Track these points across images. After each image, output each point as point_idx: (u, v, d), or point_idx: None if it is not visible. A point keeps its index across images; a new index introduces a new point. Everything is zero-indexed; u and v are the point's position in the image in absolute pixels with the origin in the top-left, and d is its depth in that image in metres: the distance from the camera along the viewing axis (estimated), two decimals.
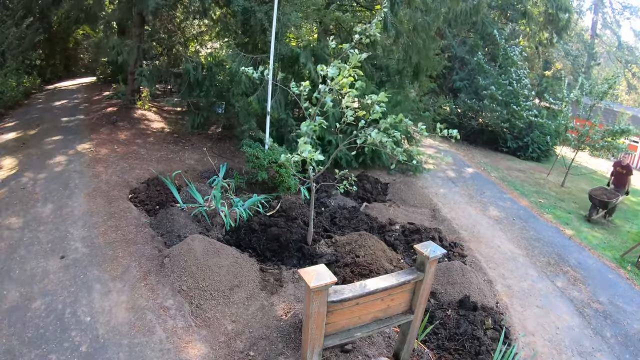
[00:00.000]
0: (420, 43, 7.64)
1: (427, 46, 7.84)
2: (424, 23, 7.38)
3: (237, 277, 4.16)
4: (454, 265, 4.85)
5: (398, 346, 3.49)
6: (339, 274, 4.52)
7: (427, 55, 7.95)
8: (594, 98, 9.60)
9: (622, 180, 8.44)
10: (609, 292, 5.36)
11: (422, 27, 7.45)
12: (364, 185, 7.36)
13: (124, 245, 4.55)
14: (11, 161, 6.44)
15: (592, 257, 6.27)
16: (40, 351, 3.19)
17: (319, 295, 2.56)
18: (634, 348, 4.40)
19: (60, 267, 4.13)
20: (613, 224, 8.08)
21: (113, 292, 3.87)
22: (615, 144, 9.30)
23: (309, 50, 6.97)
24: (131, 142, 7.69)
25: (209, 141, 8.37)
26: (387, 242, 5.49)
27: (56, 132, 8.00)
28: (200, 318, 3.71)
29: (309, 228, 4.95)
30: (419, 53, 7.80)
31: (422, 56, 7.91)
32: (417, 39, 7.55)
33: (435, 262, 3.05)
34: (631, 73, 24.87)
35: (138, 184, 6.12)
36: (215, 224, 5.19)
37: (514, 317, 4.58)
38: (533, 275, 5.49)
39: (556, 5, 13.10)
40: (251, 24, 6.79)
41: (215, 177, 6.06)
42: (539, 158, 12.46)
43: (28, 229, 4.68)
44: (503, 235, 6.54)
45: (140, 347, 3.34)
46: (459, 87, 13.54)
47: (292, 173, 5.92)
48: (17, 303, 3.63)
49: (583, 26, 25.19)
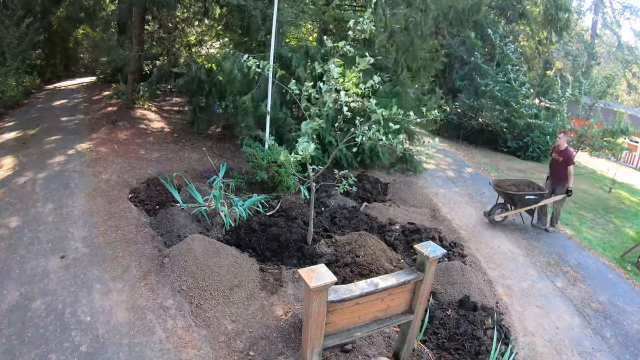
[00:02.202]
0: (409, 42, 7.53)
1: (415, 46, 7.64)
2: (414, 22, 7.30)
3: (237, 277, 4.16)
4: (454, 265, 4.85)
5: (398, 346, 3.49)
6: (339, 274, 4.52)
7: (414, 55, 7.81)
8: (593, 97, 9.61)
9: (559, 172, 6.44)
10: (609, 292, 5.36)
11: (414, 26, 7.35)
12: (364, 185, 7.36)
13: (124, 245, 4.55)
14: (11, 161, 6.44)
15: (592, 257, 6.27)
16: (40, 351, 3.19)
17: (319, 295, 2.56)
18: (634, 348, 4.40)
19: (61, 266, 4.13)
20: (555, 231, 6.70)
21: (113, 292, 3.87)
22: (615, 144, 9.29)
23: (303, 52, 6.97)
24: (131, 142, 7.69)
25: (209, 141, 8.37)
26: (387, 242, 5.49)
27: (56, 131, 8.00)
28: (200, 318, 3.71)
29: (309, 228, 4.95)
30: (406, 53, 7.68)
31: (410, 56, 7.78)
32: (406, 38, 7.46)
33: (435, 262, 3.05)
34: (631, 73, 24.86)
35: (138, 183, 6.12)
36: (215, 223, 5.19)
37: (514, 317, 4.58)
38: (533, 275, 5.49)
39: (556, 5, 13.09)
40: (249, 23, 6.79)
41: (215, 176, 6.06)
42: (539, 158, 12.46)
43: (28, 229, 4.68)
44: (503, 235, 6.54)
45: (140, 347, 3.34)
46: (459, 86, 13.54)
47: (291, 173, 5.92)
48: (17, 303, 3.63)
49: (583, 26, 25.19)
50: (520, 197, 6.33)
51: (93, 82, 13.67)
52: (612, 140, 9.22)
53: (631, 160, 16.04)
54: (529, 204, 6.42)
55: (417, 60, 7.97)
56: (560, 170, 6.44)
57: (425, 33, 7.60)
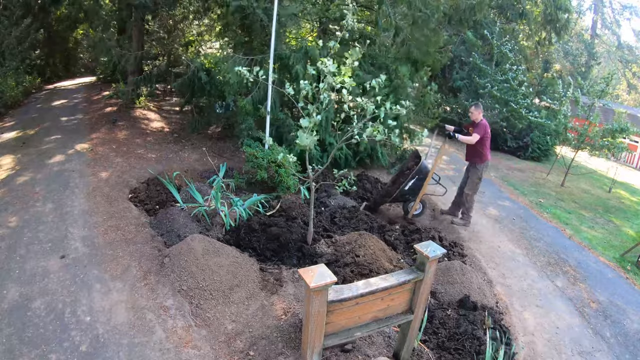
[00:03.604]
0: (422, 39, 7.45)
1: (429, 41, 7.51)
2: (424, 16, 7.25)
3: (237, 276, 4.16)
4: (453, 265, 4.85)
5: (398, 346, 3.49)
6: (339, 273, 4.52)
7: (427, 51, 7.76)
8: (592, 97, 9.61)
9: (471, 150, 5.80)
10: (608, 291, 5.36)
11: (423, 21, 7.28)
12: (363, 185, 7.37)
13: (123, 245, 4.55)
14: (11, 160, 6.44)
15: (592, 256, 6.27)
16: (40, 351, 3.19)
17: (318, 295, 2.56)
18: (633, 348, 4.40)
19: (61, 266, 4.13)
20: (462, 224, 6.21)
21: (113, 292, 3.87)
22: (615, 143, 9.29)
23: (302, 52, 6.96)
24: (131, 142, 7.69)
25: (209, 141, 8.36)
26: (387, 241, 5.49)
27: (56, 131, 8.01)
28: (200, 318, 3.71)
29: (309, 228, 4.95)
30: (419, 48, 7.60)
31: (423, 52, 7.71)
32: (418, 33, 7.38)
33: (435, 262, 3.05)
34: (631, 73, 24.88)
35: (138, 183, 6.12)
36: (215, 223, 5.19)
37: (514, 317, 4.58)
38: (533, 275, 5.49)
39: (555, 5, 13.09)
40: (249, 23, 6.78)
41: (215, 176, 6.05)
42: (539, 158, 12.47)
43: (28, 229, 4.68)
44: (503, 234, 6.54)
45: (140, 347, 3.34)
46: (459, 86, 13.55)
47: (291, 173, 5.92)
48: (17, 303, 3.62)
49: (583, 26, 25.21)
50: (401, 191, 5.81)
51: (93, 82, 13.67)
52: (612, 140, 9.22)
53: (631, 160, 16.06)
54: (416, 191, 5.77)
55: (430, 56, 7.86)
56: (472, 147, 5.79)
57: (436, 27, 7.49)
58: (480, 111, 5.87)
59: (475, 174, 5.90)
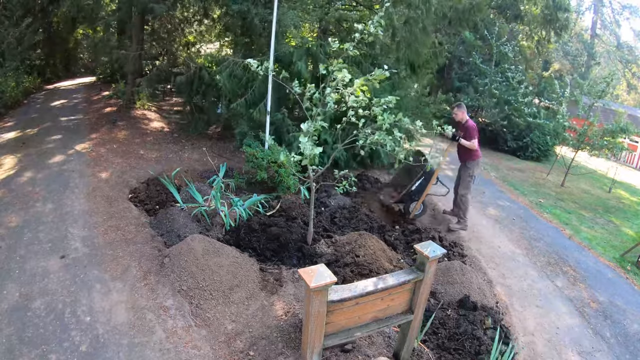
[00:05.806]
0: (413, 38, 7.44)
1: (420, 41, 7.46)
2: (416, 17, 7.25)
3: (237, 276, 4.16)
4: (453, 265, 4.85)
5: (398, 346, 3.49)
6: (339, 273, 4.52)
7: (417, 50, 7.73)
8: (592, 97, 9.62)
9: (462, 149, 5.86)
10: (608, 291, 5.36)
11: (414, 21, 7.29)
12: (364, 185, 7.36)
13: (123, 245, 4.55)
14: (11, 160, 6.44)
15: (591, 256, 6.27)
16: (40, 351, 3.19)
17: (318, 295, 2.56)
18: (633, 348, 4.40)
19: (61, 266, 4.13)
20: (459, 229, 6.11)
21: (113, 292, 3.87)
22: (615, 143, 9.29)
23: (304, 50, 6.95)
24: (131, 142, 7.69)
25: (209, 141, 8.36)
26: (387, 241, 5.49)
27: (56, 131, 8.00)
28: (200, 318, 3.71)
29: (309, 228, 4.95)
30: (410, 47, 7.60)
31: (413, 51, 7.69)
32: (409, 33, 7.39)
33: (435, 262, 3.05)
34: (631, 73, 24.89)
35: (138, 183, 6.12)
36: (215, 223, 5.19)
37: (514, 317, 4.59)
38: (533, 275, 5.49)
39: (555, 4, 13.10)
40: (249, 25, 6.78)
41: (215, 176, 6.05)
42: (538, 158, 12.47)
43: (28, 229, 4.68)
44: (503, 235, 6.54)
45: (140, 347, 3.34)
46: (458, 87, 13.55)
47: (291, 173, 5.91)
48: (17, 303, 3.62)
49: (583, 26, 25.22)
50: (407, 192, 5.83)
51: (93, 82, 13.66)
52: (611, 140, 9.22)
53: (631, 160, 16.07)
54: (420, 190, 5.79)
55: (420, 56, 7.85)
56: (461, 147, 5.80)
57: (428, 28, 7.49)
58: (463, 111, 5.83)
59: (466, 172, 5.92)
